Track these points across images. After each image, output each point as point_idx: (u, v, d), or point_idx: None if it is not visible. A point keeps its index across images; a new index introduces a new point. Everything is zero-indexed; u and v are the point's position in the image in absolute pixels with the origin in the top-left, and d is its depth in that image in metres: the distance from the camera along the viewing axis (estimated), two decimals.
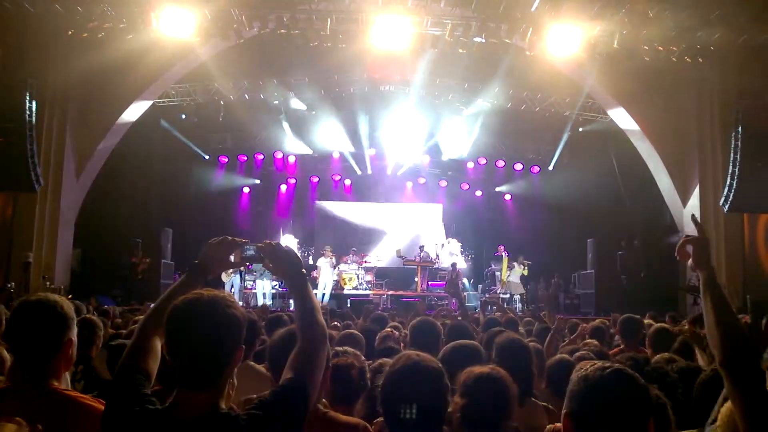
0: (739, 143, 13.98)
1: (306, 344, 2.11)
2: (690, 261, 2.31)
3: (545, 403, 3.57)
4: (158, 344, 2.10)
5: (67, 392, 2.42)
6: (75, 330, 2.51)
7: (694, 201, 15.75)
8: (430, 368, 2.34)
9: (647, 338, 5.05)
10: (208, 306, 1.91)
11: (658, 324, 5.80)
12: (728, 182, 14.33)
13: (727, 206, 14.51)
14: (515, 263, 18.50)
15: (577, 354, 4.29)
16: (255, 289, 18.01)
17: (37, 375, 2.38)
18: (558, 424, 3.01)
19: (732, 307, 2.18)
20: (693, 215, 2.57)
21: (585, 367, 1.96)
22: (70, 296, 11.73)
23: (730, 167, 14.21)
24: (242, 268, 17.51)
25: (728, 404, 2.10)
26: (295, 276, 2.24)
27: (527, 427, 3.00)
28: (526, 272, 18.54)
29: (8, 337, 2.47)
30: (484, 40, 14.07)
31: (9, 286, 12.48)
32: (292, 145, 21.21)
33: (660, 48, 13.94)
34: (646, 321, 6.77)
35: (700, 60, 14.30)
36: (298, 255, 2.33)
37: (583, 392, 1.88)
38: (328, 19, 13.70)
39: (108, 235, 17.16)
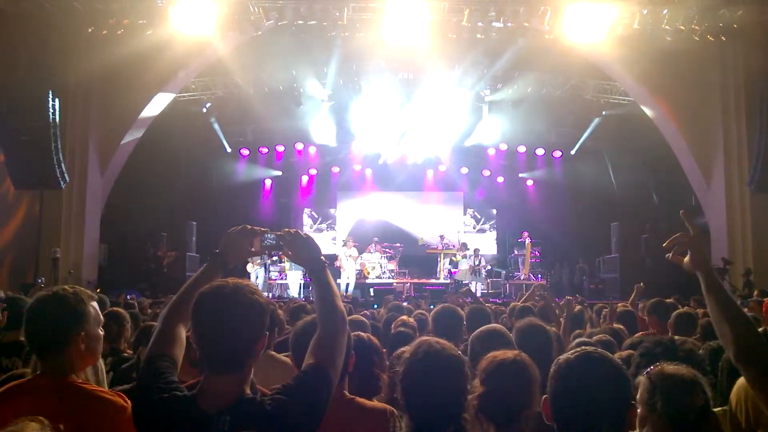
0: (764, 122, 13.75)
1: (326, 329, 2.14)
2: (686, 262, 2.27)
3: None
4: (183, 332, 2.14)
5: (85, 385, 2.44)
6: (91, 323, 2.51)
7: (719, 182, 15.53)
8: (451, 357, 2.34)
9: (670, 322, 5.04)
10: (233, 293, 1.95)
11: (683, 309, 5.78)
12: (753, 162, 14.12)
13: (752, 186, 14.31)
14: (458, 253, 18.32)
15: (596, 338, 4.27)
16: (282, 279, 18.22)
17: (54, 368, 2.40)
18: None
19: (737, 303, 2.19)
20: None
21: (569, 352, 1.98)
22: (99, 290, 11.91)
23: (756, 146, 13.99)
24: (268, 261, 17.68)
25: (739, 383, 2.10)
26: (314, 263, 2.27)
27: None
28: (462, 258, 18.39)
29: (25, 330, 2.51)
30: (502, 25, 13.97)
31: (39, 281, 12.68)
32: (312, 136, 21.25)
33: (682, 28, 13.74)
34: None
35: (723, 39, 14.08)
36: (317, 242, 2.35)
37: (555, 376, 1.92)
38: (345, 9, 13.69)
39: (133, 229, 17.38)
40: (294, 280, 17.91)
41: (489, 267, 20.30)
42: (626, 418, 1.88)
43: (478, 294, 16.29)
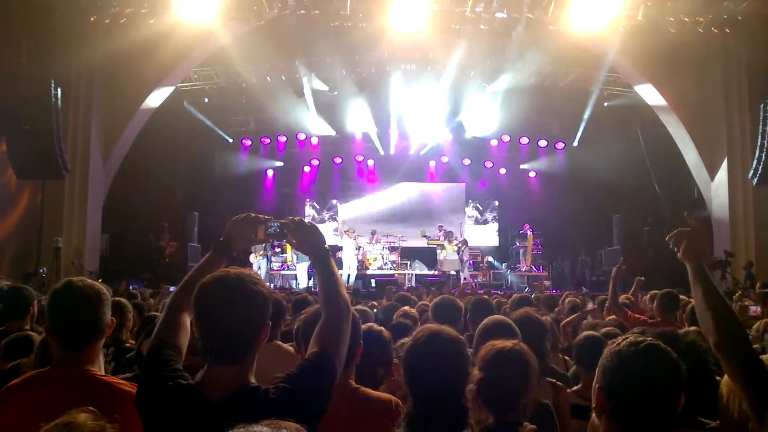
0: None
1: (330, 318, 2.14)
2: (679, 252, 2.42)
3: (553, 380, 3.57)
4: (187, 320, 2.14)
5: (103, 377, 2.44)
6: None
7: (722, 175, 15.51)
8: (452, 339, 2.37)
9: (686, 315, 5.04)
10: (235, 283, 1.95)
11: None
12: (757, 155, 14.08)
13: (755, 180, 14.27)
14: (446, 242, 18.28)
15: (604, 330, 4.28)
16: (284, 269, 18.24)
17: (75, 359, 2.40)
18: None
19: (721, 294, 2.29)
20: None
21: (617, 341, 1.96)
22: (100, 280, 11.92)
23: (759, 140, 13.95)
24: (270, 252, 17.69)
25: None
26: (318, 251, 2.28)
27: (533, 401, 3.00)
28: (455, 249, 18.38)
29: (55, 319, 2.47)
30: (505, 16, 13.91)
31: (41, 271, 12.69)
32: (314, 127, 21.23)
33: (686, 19, 13.70)
34: None
35: (727, 30, 14.01)
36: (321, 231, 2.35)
37: (616, 367, 1.90)
38: None
39: (135, 219, 17.36)
40: (302, 271, 17.93)
41: (490, 259, 20.36)
42: (678, 406, 1.90)
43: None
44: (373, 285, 17.03)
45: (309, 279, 17.46)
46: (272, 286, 16.83)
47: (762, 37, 13.80)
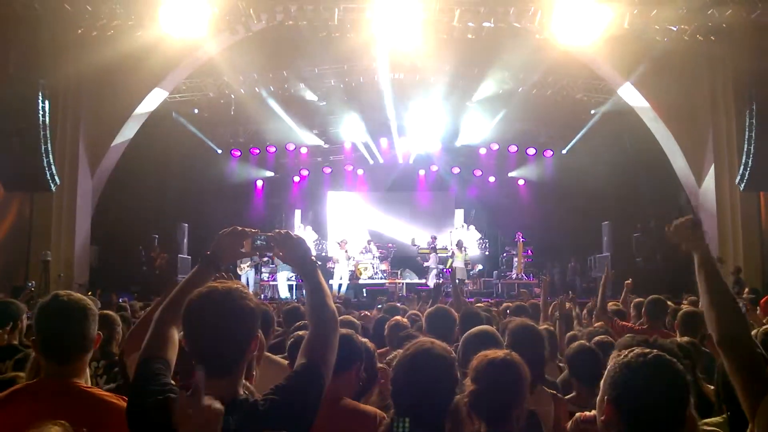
0: (754, 121, 13.84)
1: (317, 329, 2.15)
2: (683, 246, 2.33)
3: (553, 391, 3.57)
4: (176, 334, 2.15)
5: (91, 390, 2.44)
6: None
7: (710, 181, 15.61)
8: (442, 357, 2.37)
9: (677, 322, 5.04)
10: (223, 298, 1.96)
11: (687, 308, 5.79)
12: (743, 161, 14.21)
13: (742, 185, 14.39)
14: (456, 249, 18.31)
15: (597, 339, 4.28)
16: (274, 280, 18.18)
17: (62, 372, 2.40)
18: (587, 413, 3.02)
19: (727, 286, 2.22)
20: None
21: (624, 353, 1.97)
22: (89, 293, 11.84)
23: (745, 146, 14.08)
24: (259, 262, 17.64)
25: None
26: (305, 264, 2.29)
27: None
28: (467, 258, 18.42)
29: (41, 333, 2.47)
30: (492, 25, 13.98)
31: (30, 285, 12.59)
32: (303, 137, 21.25)
33: (671, 28, 13.79)
34: None
35: (713, 38, 14.10)
36: (309, 244, 2.36)
37: (626, 379, 1.90)
38: (336, 9, 13.65)
39: (125, 231, 17.30)
40: (282, 280, 17.87)
41: (480, 267, 20.37)
42: (685, 417, 1.91)
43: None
44: (365, 294, 17.01)
45: (296, 290, 17.42)
46: (261, 296, 16.78)
47: (747, 44, 13.92)
